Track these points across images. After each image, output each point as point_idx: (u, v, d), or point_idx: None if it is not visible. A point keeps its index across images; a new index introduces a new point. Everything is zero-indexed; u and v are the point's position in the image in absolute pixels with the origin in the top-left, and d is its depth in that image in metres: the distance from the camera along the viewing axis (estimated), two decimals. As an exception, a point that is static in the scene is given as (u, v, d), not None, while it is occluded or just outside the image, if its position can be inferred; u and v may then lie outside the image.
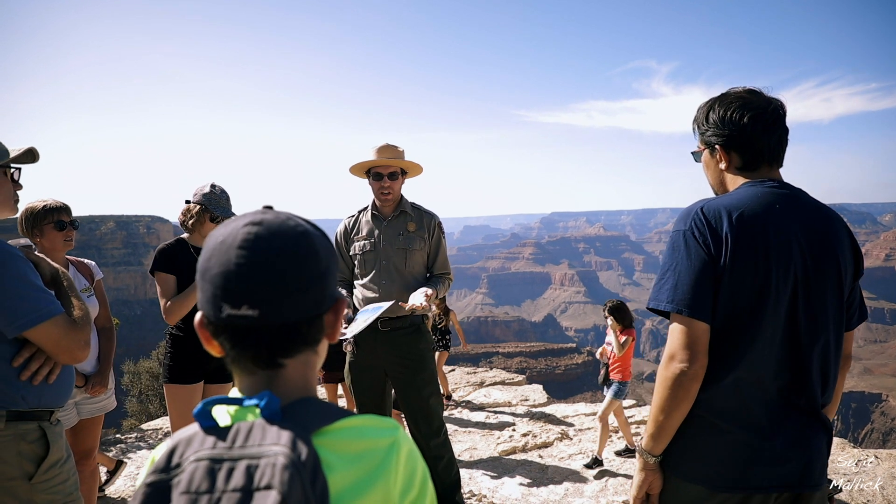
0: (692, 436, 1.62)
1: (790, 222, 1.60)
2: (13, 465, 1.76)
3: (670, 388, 1.57)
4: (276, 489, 0.71)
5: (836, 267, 1.63)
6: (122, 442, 5.73)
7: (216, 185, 3.37)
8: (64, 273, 2.04)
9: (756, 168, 1.71)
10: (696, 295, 1.55)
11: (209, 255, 0.84)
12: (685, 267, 1.58)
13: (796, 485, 1.58)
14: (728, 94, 1.74)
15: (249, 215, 0.86)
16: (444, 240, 3.51)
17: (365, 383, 3.44)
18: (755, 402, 1.58)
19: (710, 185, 1.85)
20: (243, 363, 0.86)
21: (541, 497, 4.23)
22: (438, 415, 3.41)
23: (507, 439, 5.48)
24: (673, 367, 1.56)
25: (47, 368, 1.85)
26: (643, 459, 1.69)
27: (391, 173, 3.34)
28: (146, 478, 0.78)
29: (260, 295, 0.81)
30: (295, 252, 0.83)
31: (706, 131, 1.76)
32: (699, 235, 1.58)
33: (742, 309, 1.56)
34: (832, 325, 1.64)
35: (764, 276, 1.55)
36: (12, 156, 1.89)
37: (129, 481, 4.66)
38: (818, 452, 1.62)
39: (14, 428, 1.77)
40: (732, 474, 1.57)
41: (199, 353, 3.32)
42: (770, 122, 1.67)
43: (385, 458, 0.85)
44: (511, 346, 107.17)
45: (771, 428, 1.57)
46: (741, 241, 1.55)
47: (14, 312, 1.73)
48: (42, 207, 3.00)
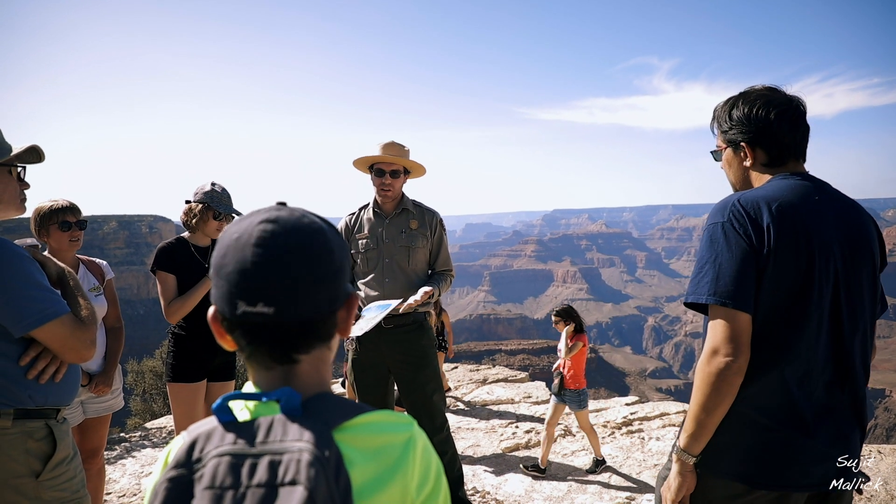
0: (729, 431, 1.58)
1: (829, 215, 1.60)
2: (21, 462, 1.77)
3: (713, 384, 1.52)
4: (301, 485, 0.72)
5: (871, 259, 1.64)
6: (127, 441, 5.75)
7: (216, 184, 3.38)
8: (70, 273, 2.05)
9: (783, 163, 1.71)
10: (739, 286, 1.52)
11: (224, 251, 0.84)
12: (726, 258, 1.54)
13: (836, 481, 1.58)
14: (750, 91, 1.74)
15: (264, 212, 0.86)
16: (445, 237, 3.53)
17: (368, 380, 3.45)
18: (802, 398, 1.55)
19: (732, 182, 1.84)
20: (259, 358, 0.86)
21: (543, 493, 4.24)
22: (441, 411, 3.43)
23: (509, 436, 5.50)
24: (717, 361, 1.52)
25: (53, 367, 1.86)
26: (682, 461, 1.62)
27: (393, 171, 3.35)
28: (166, 472, 0.77)
29: (275, 292, 0.81)
30: (310, 249, 0.84)
31: (729, 129, 1.76)
32: (739, 226, 1.55)
33: (786, 300, 1.53)
34: (869, 315, 1.64)
35: (807, 266, 1.53)
36: (15, 153, 1.89)
37: (134, 479, 4.68)
38: (855, 450, 1.62)
39: (21, 426, 1.79)
40: (772, 471, 1.54)
41: (201, 352, 3.34)
42: (795, 117, 1.69)
43: (403, 453, 0.86)
44: (513, 344, 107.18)
45: (815, 425, 1.55)
46: (783, 232, 1.53)
47: (20, 312, 1.74)
48: (48, 208, 3.02)
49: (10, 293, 1.73)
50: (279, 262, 0.82)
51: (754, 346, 1.54)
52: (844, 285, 1.58)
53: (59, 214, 3.03)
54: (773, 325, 1.55)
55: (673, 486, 1.65)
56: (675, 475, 1.65)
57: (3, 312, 1.74)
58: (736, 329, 1.51)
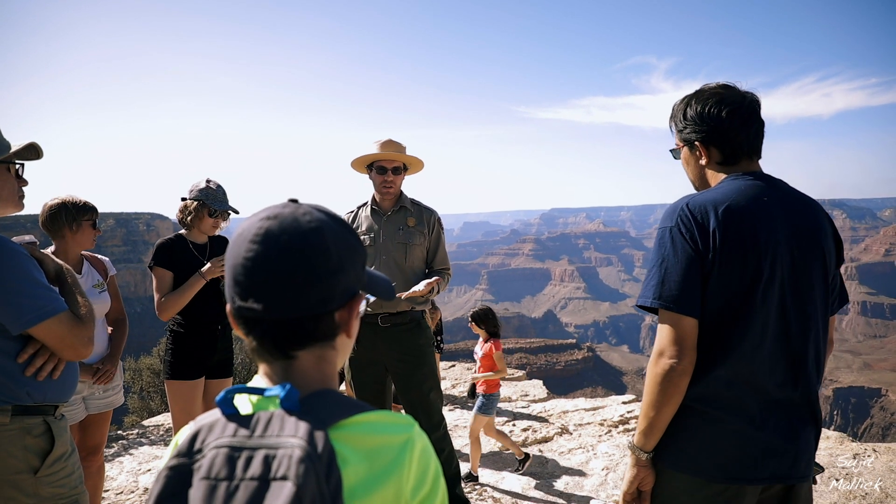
0: (684, 426, 1.61)
1: (777, 215, 1.61)
2: (19, 458, 1.78)
3: (660, 384, 1.57)
4: (291, 481, 0.73)
5: (822, 257, 1.65)
6: (124, 438, 5.75)
7: (211, 181, 3.39)
8: (68, 270, 2.05)
9: (736, 162, 1.72)
10: (684, 290, 1.55)
11: (230, 246, 0.88)
12: (672, 263, 1.58)
13: (786, 477, 1.60)
14: (703, 90, 1.75)
15: (270, 208, 0.88)
16: (443, 235, 3.53)
17: (365, 379, 3.46)
18: (747, 394, 1.58)
19: (691, 181, 1.85)
20: (259, 351, 0.88)
21: (541, 491, 4.26)
22: (438, 409, 3.44)
23: (507, 434, 5.51)
24: (662, 363, 1.56)
25: (52, 364, 1.87)
26: (635, 456, 1.68)
27: (395, 168, 3.37)
28: (168, 461, 0.79)
29: (264, 290, 0.83)
30: (301, 249, 0.84)
31: (684, 128, 1.77)
32: (686, 231, 1.58)
33: (732, 303, 1.56)
34: (820, 315, 1.65)
35: (753, 269, 1.55)
36: (13, 150, 1.90)
37: (131, 477, 4.68)
38: (807, 444, 1.64)
39: (19, 422, 1.79)
40: (724, 465, 1.58)
41: (199, 349, 3.35)
42: (747, 115, 1.68)
43: (399, 455, 0.85)
44: (511, 342, 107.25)
45: (763, 419, 1.58)
46: (729, 236, 1.55)
47: (18, 309, 1.75)
48: (83, 203, 3.06)
49: (8, 290, 1.73)
50: (267, 261, 0.83)
51: (703, 345, 1.58)
52: (791, 285, 1.60)
53: (92, 212, 3.09)
54: (720, 327, 1.58)
55: (627, 478, 1.71)
56: (629, 469, 1.70)
57: (1, 310, 1.74)
58: (680, 332, 1.56)
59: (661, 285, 1.58)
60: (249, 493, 0.73)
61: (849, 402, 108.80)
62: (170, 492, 0.76)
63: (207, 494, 0.74)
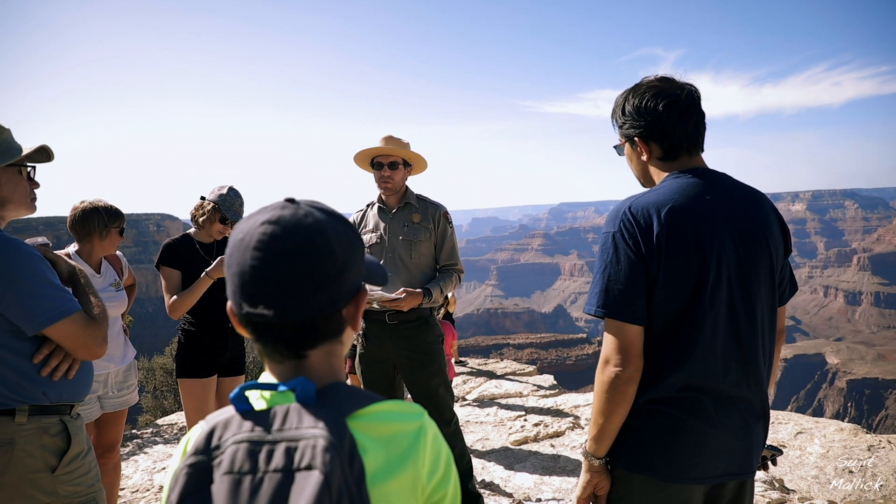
0: (639, 428, 1.59)
1: (720, 213, 1.57)
2: (37, 457, 1.80)
3: (607, 392, 1.55)
4: (318, 469, 0.74)
5: (768, 251, 1.61)
6: (139, 437, 5.80)
7: (234, 189, 3.43)
8: (81, 271, 2.07)
9: (677, 157, 1.67)
10: (627, 298, 1.53)
11: (231, 251, 0.87)
12: (615, 270, 1.55)
13: (738, 473, 1.60)
14: (641, 83, 1.70)
15: (268, 211, 0.87)
16: (451, 230, 3.50)
17: (375, 376, 3.48)
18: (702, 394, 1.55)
19: (636, 177, 1.81)
20: (269, 352, 0.89)
21: (553, 486, 4.26)
22: (448, 405, 3.45)
23: (518, 429, 5.51)
24: (608, 371, 1.54)
25: (66, 365, 1.88)
26: (587, 462, 1.66)
27: (391, 163, 3.35)
28: (186, 458, 0.80)
29: (274, 296, 0.83)
30: (308, 253, 0.84)
31: (624, 124, 1.72)
32: (629, 236, 1.54)
33: (680, 307, 1.54)
34: (767, 310, 1.63)
35: (699, 271, 1.52)
36: (25, 153, 1.92)
37: (146, 475, 4.72)
38: (758, 440, 1.63)
39: (36, 422, 1.81)
40: (680, 465, 1.55)
41: (211, 347, 3.37)
42: (684, 108, 1.63)
43: (414, 441, 0.89)
44: (521, 338, 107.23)
45: (718, 417, 1.55)
46: (673, 239, 1.51)
47: (32, 311, 1.77)
48: (116, 210, 3.16)
49: (22, 292, 1.75)
50: (275, 269, 0.83)
51: (653, 351, 1.55)
52: (739, 284, 1.56)
53: (122, 220, 3.21)
54: (670, 333, 1.55)
55: (580, 483, 1.68)
56: (582, 474, 1.68)
57: (16, 311, 1.76)
58: (625, 340, 1.53)
59: (605, 293, 1.55)
60: (275, 485, 0.74)
61: (863, 393, 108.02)
62: (192, 489, 0.77)
63: (232, 489, 0.75)
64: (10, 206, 1.92)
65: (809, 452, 4.52)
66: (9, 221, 1.97)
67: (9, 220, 1.96)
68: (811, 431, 4.98)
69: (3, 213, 1.92)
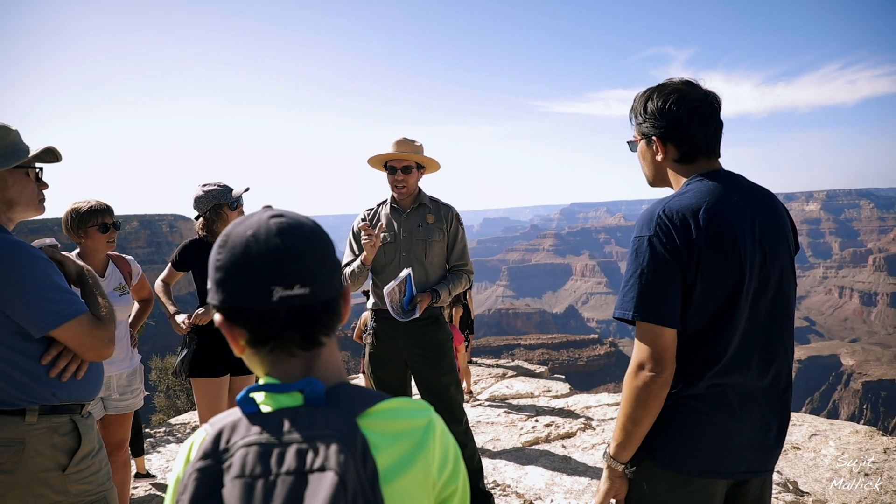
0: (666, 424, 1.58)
1: (747, 214, 1.58)
2: (48, 456, 1.81)
3: (639, 397, 1.54)
4: (332, 470, 0.74)
5: (788, 250, 1.65)
6: (151, 436, 5.85)
7: (207, 184, 3.40)
8: (89, 271, 2.08)
9: (693, 160, 1.69)
10: (664, 302, 1.52)
11: (243, 248, 0.85)
12: (652, 273, 1.53)
13: (759, 471, 1.61)
14: (666, 85, 1.71)
15: (261, 212, 0.90)
16: (462, 231, 3.53)
17: (385, 374, 3.48)
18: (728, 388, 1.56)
19: (645, 175, 1.82)
20: (284, 346, 0.88)
21: (564, 487, 4.23)
22: (459, 404, 3.45)
23: (529, 430, 5.49)
24: (643, 376, 1.53)
25: (75, 365, 1.90)
26: (611, 468, 1.65)
27: (405, 167, 3.36)
28: (194, 463, 0.79)
29: (308, 274, 0.86)
30: (323, 237, 0.90)
31: (643, 122, 1.73)
32: (666, 240, 1.53)
33: (717, 308, 1.54)
34: (787, 307, 1.64)
35: (737, 271, 1.53)
36: (32, 154, 1.92)
37: (159, 474, 4.75)
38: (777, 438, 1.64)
39: (47, 421, 1.83)
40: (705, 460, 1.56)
41: (224, 346, 3.38)
42: (706, 115, 1.65)
43: (423, 437, 0.90)
44: (533, 338, 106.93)
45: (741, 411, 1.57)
46: (712, 240, 1.52)
47: (39, 314, 1.78)
48: (87, 209, 3.09)
49: (29, 295, 1.76)
50: (308, 247, 0.87)
51: (687, 350, 1.55)
52: (771, 282, 1.58)
53: (98, 216, 3.11)
54: (705, 333, 1.55)
55: (601, 490, 1.67)
56: (604, 480, 1.67)
57: (23, 314, 1.77)
58: (660, 345, 1.52)
59: (641, 297, 1.54)
60: (288, 487, 0.73)
61: (878, 395, 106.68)
62: (202, 494, 0.76)
63: (245, 493, 0.74)
64: (18, 207, 1.93)
65: (824, 455, 4.47)
66: (19, 222, 1.98)
67: (17, 221, 1.97)
68: (826, 433, 4.92)
69: (11, 215, 1.93)
